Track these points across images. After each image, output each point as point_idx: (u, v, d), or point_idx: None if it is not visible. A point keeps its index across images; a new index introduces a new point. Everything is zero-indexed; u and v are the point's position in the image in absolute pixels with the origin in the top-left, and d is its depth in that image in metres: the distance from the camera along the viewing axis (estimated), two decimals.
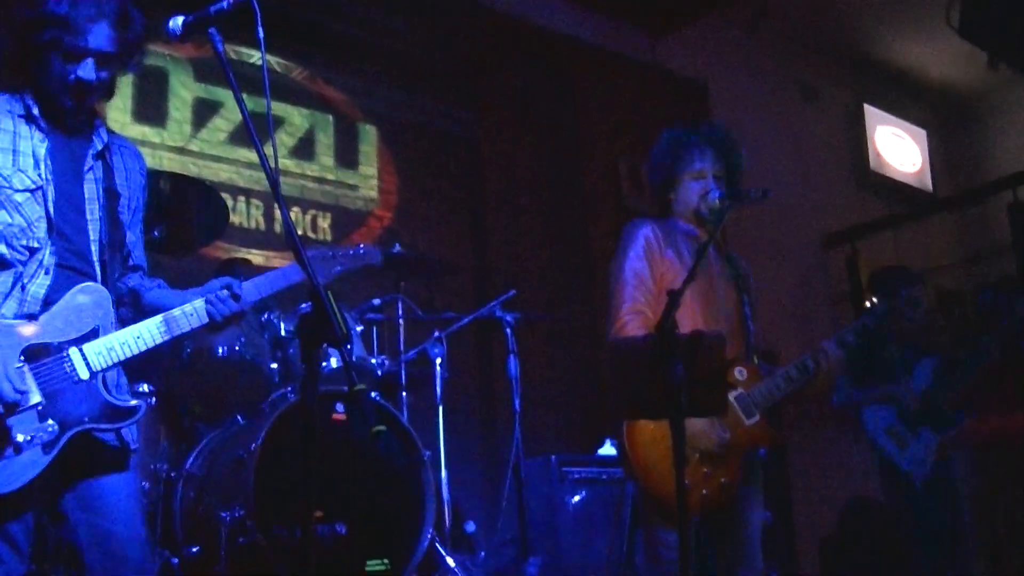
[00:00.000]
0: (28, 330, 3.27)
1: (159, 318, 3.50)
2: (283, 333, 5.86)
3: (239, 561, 4.90)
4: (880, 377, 6.56)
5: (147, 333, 3.47)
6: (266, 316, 5.88)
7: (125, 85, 7.72)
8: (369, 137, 9.01)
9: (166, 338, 3.50)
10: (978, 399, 6.71)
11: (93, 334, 3.36)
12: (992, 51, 9.13)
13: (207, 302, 3.57)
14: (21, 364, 3.22)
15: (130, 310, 3.68)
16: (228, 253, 7.32)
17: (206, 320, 3.58)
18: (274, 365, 5.83)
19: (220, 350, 5.72)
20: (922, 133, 13.47)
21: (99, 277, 3.51)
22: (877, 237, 11.89)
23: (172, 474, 5.39)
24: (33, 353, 3.26)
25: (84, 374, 3.30)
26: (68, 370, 3.29)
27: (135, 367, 4.63)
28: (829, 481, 10.22)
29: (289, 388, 5.73)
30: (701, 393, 3.61)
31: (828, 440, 10.15)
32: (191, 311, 3.55)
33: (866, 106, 12.80)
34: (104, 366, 3.35)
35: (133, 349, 3.42)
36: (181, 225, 5.84)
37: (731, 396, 4.43)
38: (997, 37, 8.67)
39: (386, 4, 8.94)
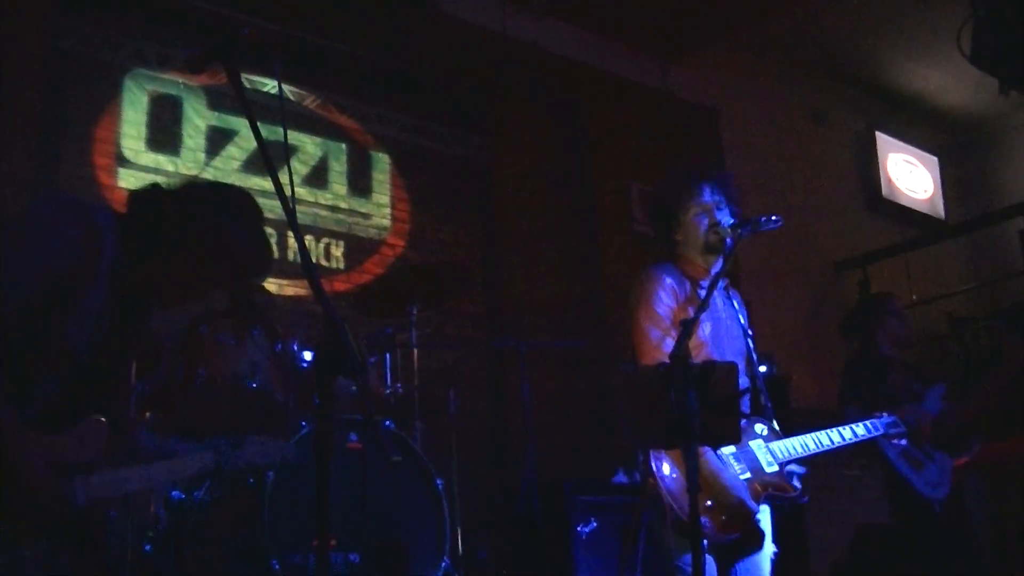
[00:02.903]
0: (53, 443, 3.27)
1: (161, 464, 3.55)
2: (298, 362, 5.88)
3: None
4: (887, 404, 6.55)
5: (148, 475, 3.52)
6: (280, 346, 5.89)
7: (140, 113, 7.76)
8: (382, 165, 9.04)
9: (165, 479, 3.57)
10: (990, 423, 6.70)
11: (92, 463, 3.37)
12: (1003, 78, 9.10)
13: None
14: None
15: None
16: None
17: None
18: (288, 394, 5.84)
19: (234, 378, 5.73)
20: (934, 160, 13.47)
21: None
22: (889, 262, 11.89)
23: (185, 500, 5.40)
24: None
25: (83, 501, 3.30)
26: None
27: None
28: (841, 506, 10.19)
29: (303, 417, 5.74)
30: (714, 422, 3.62)
31: (839, 464, 10.13)
32: (196, 461, 3.63)
33: (877, 133, 12.80)
34: (99, 498, 3.36)
35: (129, 488, 3.45)
36: None
37: (753, 444, 4.49)
38: (1009, 64, 8.66)
39: (400, 30, 8.98)
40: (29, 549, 3.12)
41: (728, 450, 4.43)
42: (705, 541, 4.27)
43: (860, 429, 4.95)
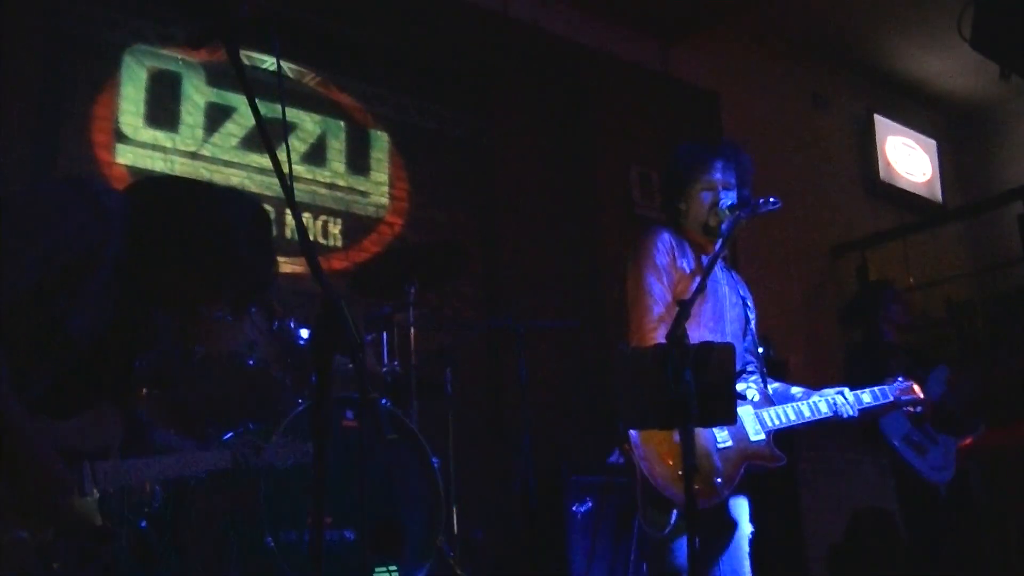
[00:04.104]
0: (63, 429, 3.26)
1: (174, 457, 3.57)
2: (295, 340, 5.88)
3: (249, 566, 4.91)
4: None
5: (159, 467, 3.53)
6: (277, 324, 5.89)
7: (138, 90, 7.75)
8: (381, 143, 9.02)
9: (177, 474, 3.57)
10: (993, 409, 6.71)
11: (103, 452, 3.36)
12: (1004, 62, 9.10)
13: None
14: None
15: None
16: None
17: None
18: (285, 371, 5.84)
19: (232, 355, 5.73)
20: (932, 144, 13.46)
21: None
22: (887, 247, 11.89)
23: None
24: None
25: (89, 489, 3.30)
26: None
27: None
28: (838, 489, 10.20)
29: (300, 395, 5.75)
30: (710, 403, 3.62)
31: (836, 448, 10.14)
32: (213, 458, 3.65)
33: (876, 116, 12.80)
34: (106, 487, 3.35)
35: (138, 478, 3.45)
36: None
37: (739, 410, 4.46)
38: (1009, 48, 8.66)
39: (399, 9, 8.96)
40: (30, 534, 3.11)
41: None
42: (675, 512, 4.30)
43: (866, 396, 4.86)
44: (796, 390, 4.81)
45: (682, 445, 3.56)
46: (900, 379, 4.97)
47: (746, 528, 4.61)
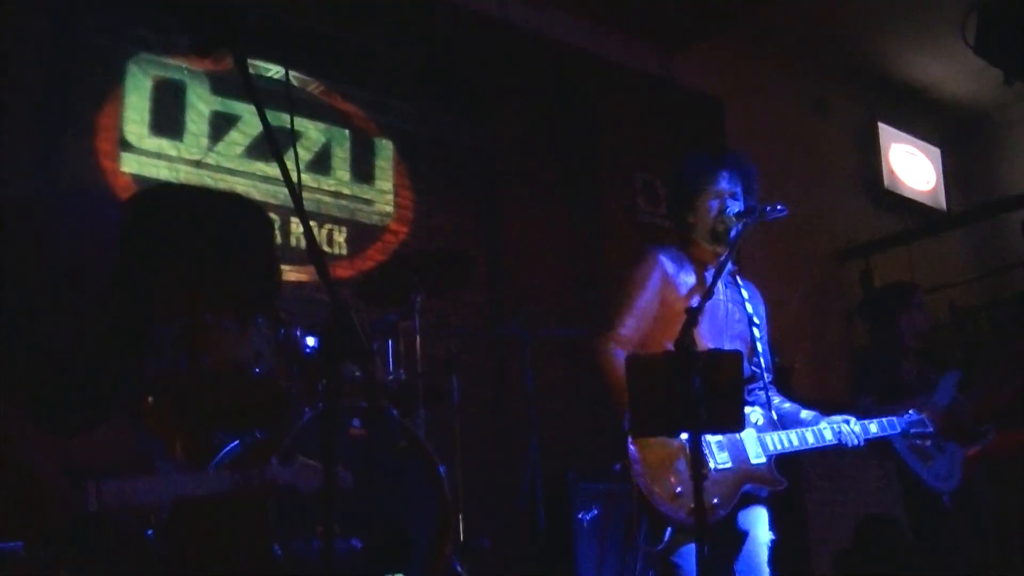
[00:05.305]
0: (72, 447, 3.24)
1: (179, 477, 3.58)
2: (302, 349, 5.87)
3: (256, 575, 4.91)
4: (901, 394, 6.54)
5: (164, 487, 3.54)
6: (284, 333, 5.89)
7: (143, 98, 7.75)
8: (385, 151, 9.02)
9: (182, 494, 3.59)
10: (1003, 413, 6.70)
11: (112, 471, 3.36)
12: (1007, 68, 9.12)
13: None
14: None
15: None
16: None
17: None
18: (292, 381, 5.83)
19: (238, 364, 5.72)
20: (936, 151, 13.45)
21: None
22: (891, 252, 11.88)
23: None
24: None
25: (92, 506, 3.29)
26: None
27: None
28: (843, 496, 10.20)
29: (306, 404, 5.74)
30: (718, 409, 3.63)
31: (840, 454, 10.12)
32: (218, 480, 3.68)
33: (880, 124, 12.79)
34: (110, 506, 3.34)
35: (143, 498, 3.47)
36: None
37: (743, 433, 4.48)
38: (1013, 54, 8.67)
39: (403, 18, 8.97)
40: (27, 547, 3.09)
41: (714, 438, 4.43)
42: (670, 529, 4.32)
43: (874, 427, 4.91)
44: (805, 414, 4.83)
45: (692, 451, 3.57)
46: (912, 412, 5.01)
47: (763, 536, 4.60)
